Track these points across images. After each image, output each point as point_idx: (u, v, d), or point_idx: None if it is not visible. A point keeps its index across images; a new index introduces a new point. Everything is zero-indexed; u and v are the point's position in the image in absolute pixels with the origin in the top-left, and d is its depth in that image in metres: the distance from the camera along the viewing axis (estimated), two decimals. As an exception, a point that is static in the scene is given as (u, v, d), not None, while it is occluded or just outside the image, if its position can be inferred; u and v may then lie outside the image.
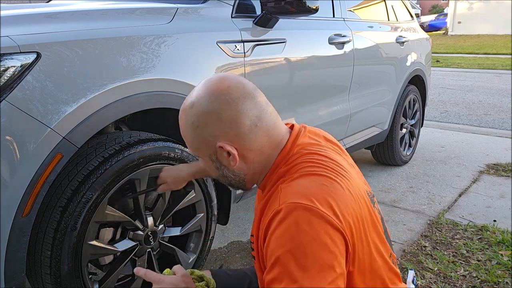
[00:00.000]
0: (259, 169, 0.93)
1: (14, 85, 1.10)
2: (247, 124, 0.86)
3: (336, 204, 0.80)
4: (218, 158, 0.91)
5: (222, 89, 0.87)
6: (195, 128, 0.88)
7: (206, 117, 0.86)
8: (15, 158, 1.11)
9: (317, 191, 0.80)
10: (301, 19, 2.13)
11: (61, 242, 1.23)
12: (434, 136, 4.41)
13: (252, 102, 0.88)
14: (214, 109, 0.86)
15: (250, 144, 0.88)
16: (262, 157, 0.91)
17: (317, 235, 0.75)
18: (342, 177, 0.86)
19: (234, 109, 0.85)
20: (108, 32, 1.35)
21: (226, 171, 0.93)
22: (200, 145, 0.91)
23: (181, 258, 1.62)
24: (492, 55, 13.47)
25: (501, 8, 19.68)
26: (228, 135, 0.87)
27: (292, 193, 0.81)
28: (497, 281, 1.84)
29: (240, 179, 0.95)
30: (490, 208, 2.62)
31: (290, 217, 0.77)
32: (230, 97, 0.86)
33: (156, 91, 1.42)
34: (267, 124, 0.90)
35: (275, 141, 0.92)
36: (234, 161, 0.89)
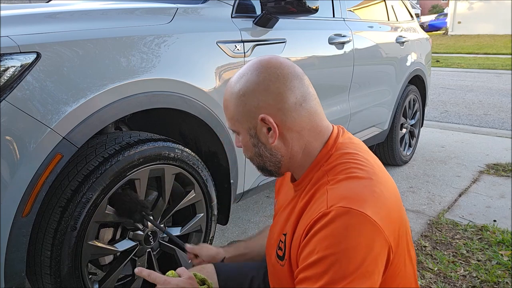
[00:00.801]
0: (298, 156, 0.91)
1: (14, 85, 1.10)
2: (292, 101, 0.86)
3: (385, 213, 0.79)
4: (257, 133, 0.89)
5: (273, 64, 0.88)
6: (241, 96, 0.88)
7: (254, 86, 0.86)
8: (15, 158, 1.11)
9: (368, 198, 0.79)
10: (301, 19, 2.13)
11: (61, 242, 1.23)
12: (434, 136, 4.41)
13: (300, 82, 0.88)
14: (263, 79, 0.86)
15: (291, 123, 0.87)
16: (301, 142, 0.90)
17: (364, 243, 0.75)
18: (383, 180, 0.85)
19: (282, 84, 0.86)
20: (108, 32, 1.35)
21: (263, 149, 0.91)
22: (242, 116, 0.89)
23: (181, 258, 1.62)
24: (492, 55, 13.47)
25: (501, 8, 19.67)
26: (272, 108, 0.86)
27: (342, 196, 0.79)
28: (497, 281, 1.84)
29: (276, 160, 0.92)
30: (490, 208, 2.62)
31: (339, 221, 0.76)
32: (280, 72, 0.87)
33: (156, 91, 1.42)
34: (311, 108, 0.89)
35: (316, 129, 0.90)
36: (274, 137, 0.88)
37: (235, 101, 0.89)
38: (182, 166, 1.54)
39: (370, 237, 0.76)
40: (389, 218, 0.80)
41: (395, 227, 0.81)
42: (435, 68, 9.95)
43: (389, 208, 0.81)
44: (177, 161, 1.51)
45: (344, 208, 0.76)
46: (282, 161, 0.92)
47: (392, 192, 0.85)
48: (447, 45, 17.14)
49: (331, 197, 0.80)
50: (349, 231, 0.75)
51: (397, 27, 3.24)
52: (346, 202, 0.77)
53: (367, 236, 0.75)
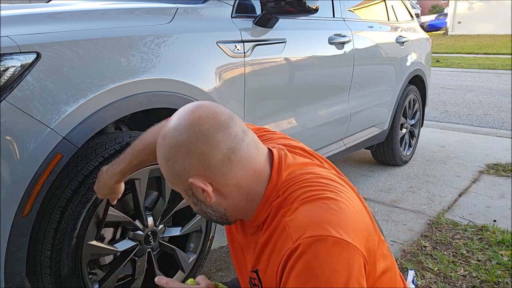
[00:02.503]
0: (242, 203, 0.87)
1: (14, 85, 1.10)
2: (218, 157, 0.80)
3: (351, 226, 0.77)
4: (194, 194, 0.85)
5: (192, 120, 0.81)
6: (167, 161, 0.84)
7: (176, 150, 0.81)
8: (15, 158, 1.11)
9: (329, 219, 0.76)
10: (301, 19, 2.13)
11: (61, 242, 1.23)
12: (434, 136, 4.41)
13: (225, 133, 0.81)
14: (183, 141, 0.80)
15: (224, 179, 0.82)
16: (242, 192, 0.85)
17: (342, 266, 0.72)
18: (341, 192, 0.83)
19: (204, 142, 0.80)
20: (108, 32, 1.35)
21: (204, 207, 0.87)
22: (174, 180, 0.86)
23: (181, 258, 1.62)
24: (492, 55, 13.47)
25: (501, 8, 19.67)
26: (199, 170, 0.81)
27: (303, 226, 0.76)
28: (497, 281, 1.84)
29: (221, 214, 0.88)
30: (490, 208, 2.62)
31: (309, 252, 0.72)
32: (199, 129, 0.80)
33: (156, 91, 1.42)
34: (243, 157, 0.83)
35: (254, 174, 0.85)
36: (209, 197, 0.83)
37: (164, 166, 0.85)
38: (182, 166, 1.53)
39: (345, 258, 0.73)
40: (355, 230, 0.77)
41: (363, 235, 0.79)
42: (435, 68, 9.95)
43: (352, 219, 0.78)
44: (177, 161, 1.51)
45: (310, 238, 0.73)
46: (227, 213, 0.88)
47: (351, 200, 0.83)
48: (447, 45, 17.15)
49: (293, 230, 0.76)
50: (323, 259, 0.72)
51: (397, 27, 3.24)
52: (310, 231, 0.74)
53: (342, 257, 0.73)
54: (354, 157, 3.69)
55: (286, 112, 2.08)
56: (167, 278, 0.95)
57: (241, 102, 1.78)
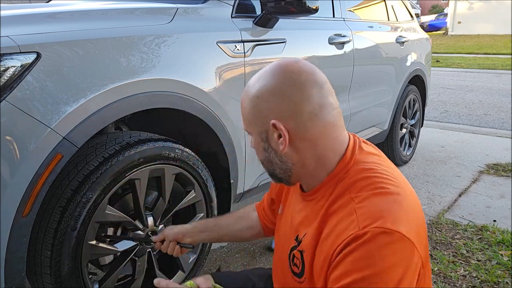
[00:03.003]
0: (311, 166, 0.87)
1: (14, 85, 1.10)
2: (307, 110, 0.82)
3: (416, 228, 0.78)
4: (268, 138, 0.86)
5: (292, 69, 0.84)
6: (256, 98, 0.85)
7: (270, 90, 0.83)
8: (15, 158, 1.11)
9: (399, 215, 0.76)
10: (301, 19, 2.13)
11: (61, 242, 1.23)
12: (434, 136, 4.41)
13: (320, 91, 0.84)
14: (279, 84, 0.83)
15: (304, 132, 0.83)
16: (315, 153, 0.85)
17: (400, 263, 0.73)
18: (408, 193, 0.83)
19: (299, 91, 0.82)
20: (108, 32, 1.35)
21: (273, 155, 0.87)
22: (255, 118, 0.86)
23: (181, 258, 1.62)
24: (492, 55, 13.47)
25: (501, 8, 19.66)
26: (285, 115, 0.82)
27: (373, 215, 0.76)
28: (497, 281, 1.84)
29: (286, 168, 0.88)
30: (490, 208, 2.62)
31: (374, 242, 0.73)
32: (298, 78, 0.83)
33: (156, 91, 1.42)
34: (328, 119, 0.84)
35: (332, 141, 0.86)
36: (284, 145, 0.84)
37: (250, 102, 0.86)
38: (182, 166, 1.54)
39: (405, 256, 0.74)
40: (419, 233, 0.78)
41: (424, 240, 0.80)
42: (435, 68, 9.95)
43: (418, 222, 0.80)
44: (177, 161, 1.51)
45: (378, 228, 0.74)
46: (293, 169, 0.88)
47: (417, 204, 0.83)
48: (447, 45, 17.14)
49: (362, 217, 0.77)
50: (385, 251, 0.73)
51: (397, 27, 3.24)
52: (379, 222, 0.74)
53: (403, 255, 0.74)
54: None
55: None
56: (167, 280, 0.95)
57: (241, 102, 1.77)
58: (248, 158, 1.85)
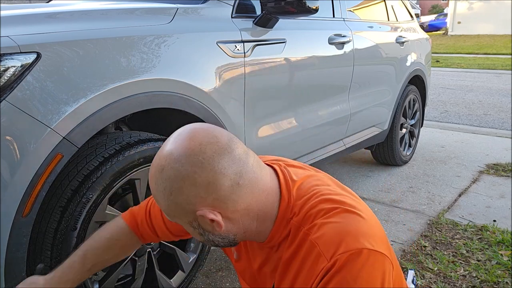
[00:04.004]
0: (253, 227, 0.82)
1: (14, 85, 1.10)
2: (226, 184, 0.75)
3: (378, 236, 0.76)
4: (201, 225, 0.79)
5: (193, 148, 0.74)
6: (169, 195, 0.76)
7: (179, 182, 0.74)
8: (15, 158, 1.11)
9: (358, 231, 0.75)
10: (301, 19, 2.13)
11: (61, 242, 1.23)
12: (434, 136, 4.41)
13: (230, 158, 0.76)
14: (187, 173, 0.74)
15: (233, 206, 0.77)
16: (252, 215, 0.81)
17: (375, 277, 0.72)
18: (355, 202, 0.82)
19: (210, 171, 0.74)
20: (108, 32, 1.35)
21: (211, 236, 0.82)
22: (177, 213, 0.79)
23: (181, 258, 1.62)
24: (492, 55, 13.47)
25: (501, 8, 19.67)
26: (207, 201, 0.75)
27: (334, 241, 0.74)
28: (497, 281, 1.84)
29: (229, 240, 0.83)
30: (490, 208, 2.63)
31: (345, 268, 0.72)
32: (203, 157, 0.74)
33: (156, 91, 1.42)
34: (250, 180, 0.78)
35: (262, 195, 0.81)
36: (220, 227, 0.78)
37: (164, 200, 0.77)
38: (182, 166, 1.53)
39: (379, 268, 0.74)
40: (381, 238, 0.78)
41: (386, 241, 0.80)
42: (435, 68, 9.96)
43: (376, 227, 0.79)
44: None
45: (345, 253, 0.72)
46: (237, 237, 0.83)
47: (365, 207, 0.82)
48: (447, 45, 17.15)
49: (324, 247, 0.75)
50: (358, 272, 0.72)
51: (397, 27, 3.24)
52: (344, 246, 0.73)
53: (376, 269, 0.73)
54: (354, 157, 3.69)
55: (286, 112, 2.08)
56: None
57: (241, 102, 1.78)
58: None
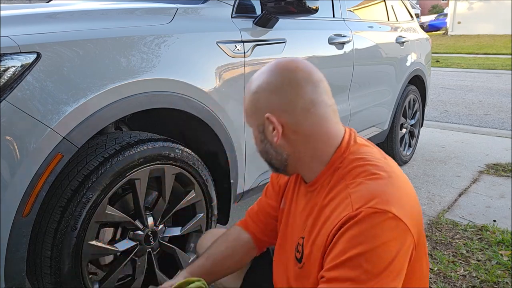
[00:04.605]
0: (306, 159, 0.93)
1: (14, 85, 1.10)
2: (300, 105, 0.89)
3: (409, 210, 0.81)
4: (264, 130, 0.93)
5: (289, 67, 0.91)
6: (254, 94, 0.92)
7: (266, 86, 0.90)
8: (15, 158, 1.11)
9: (391, 197, 0.80)
10: (301, 19, 2.13)
11: (61, 242, 1.23)
12: (434, 136, 4.41)
13: (313, 89, 0.90)
14: (276, 82, 0.90)
15: (297, 126, 0.90)
16: (308, 146, 0.91)
17: (393, 242, 0.76)
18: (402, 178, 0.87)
19: (293, 88, 0.89)
20: (108, 32, 1.35)
21: (268, 146, 0.94)
22: (252, 112, 0.94)
23: (181, 258, 1.62)
24: (492, 55, 13.47)
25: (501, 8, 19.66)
26: (279, 110, 0.89)
27: (366, 197, 0.80)
28: (497, 281, 1.84)
29: (282, 159, 0.94)
30: (490, 208, 2.62)
31: (367, 221, 0.77)
32: (293, 76, 0.89)
33: (156, 91, 1.42)
34: (321, 115, 0.90)
35: (325, 135, 0.91)
36: (277, 137, 0.90)
37: (249, 97, 0.94)
38: (182, 166, 1.54)
39: (398, 236, 0.77)
40: (412, 215, 0.81)
41: (417, 224, 0.83)
42: (435, 68, 9.95)
43: (411, 205, 0.83)
44: (177, 161, 1.51)
45: (370, 208, 0.78)
46: (288, 160, 0.94)
47: (410, 189, 0.87)
48: (447, 45, 17.14)
49: (355, 200, 0.81)
50: (378, 230, 0.76)
51: (397, 27, 3.24)
52: (372, 203, 0.78)
53: (395, 235, 0.77)
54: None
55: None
56: None
57: (241, 102, 1.78)
58: (248, 158, 1.85)
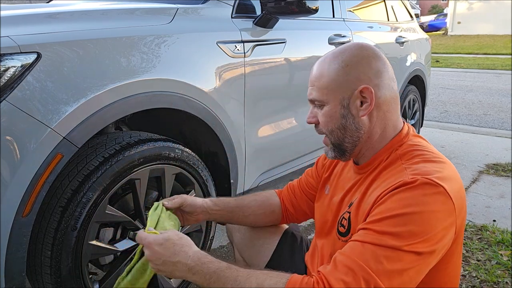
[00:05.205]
0: (376, 137, 0.96)
1: (14, 85, 1.10)
2: (386, 79, 0.94)
3: (459, 196, 0.83)
4: (350, 104, 0.93)
5: (366, 45, 0.97)
6: (345, 67, 0.93)
7: (358, 59, 0.93)
8: (16, 158, 1.11)
9: (445, 177, 0.83)
10: (301, 19, 2.13)
11: (61, 242, 1.23)
12: (434, 136, 4.41)
13: (389, 67, 0.97)
14: (367, 55, 0.94)
15: (383, 100, 0.93)
16: (383, 123, 0.95)
17: (438, 213, 0.79)
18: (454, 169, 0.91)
19: (382, 62, 0.94)
20: (108, 32, 1.35)
21: (351, 121, 0.95)
22: (339, 85, 0.93)
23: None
24: (492, 55, 13.47)
25: (501, 8, 19.66)
26: (372, 82, 0.92)
27: (421, 171, 0.83)
28: (497, 281, 1.84)
29: (357, 135, 0.95)
30: (489, 208, 2.63)
31: (419, 188, 0.80)
32: (379, 53, 0.96)
33: (156, 91, 1.42)
34: (396, 94, 0.97)
35: (395, 117, 0.97)
36: (367, 110, 0.93)
37: (336, 71, 0.94)
38: (182, 166, 1.54)
39: (445, 210, 0.80)
40: (459, 204, 0.83)
41: (461, 214, 0.85)
42: (435, 68, 9.95)
43: (460, 195, 0.85)
44: (177, 161, 1.51)
45: (426, 179, 0.81)
46: (362, 138, 0.96)
47: (461, 183, 0.89)
48: (446, 45, 17.14)
49: (410, 172, 0.84)
50: (429, 198, 0.79)
51: (397, 28, 3.25)
52: (427, 175, 0.81)
53: (443, 208, 0.79)
54: (354, 157, 3.69)
55: (286, 112, 2.08)
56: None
57: (241, 102, 1.78)
58: (248, 158, 1.85)
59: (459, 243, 0.90)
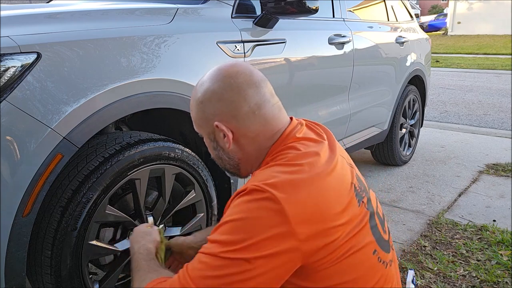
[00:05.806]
0: (253, 158, 0.97)
1: (14, 85, 1.10)
2: (245, 109, 0.91)
3: (310, 204, 0.80)
4: (216, 138, 0.97)
5: (230, 72, 0.93)
6: (200, 103, 0.95)
7: (210, 95, 0.93)
8: (16, 158, 1.11)
9: (286, 184, 0.80)
10: (301, 19, 2.13)
11: (62, 242, 1.23)
12: (433, 136, 4.41)
13: (256, 90, 0.93)
14: (218, 89, 0.92)
15: (245, 130, 0.93)
16: (255, 146, 0.95)
17: (261, 221, 0.78)
18: (321, 173, 0.85)
19: (236, 93, 0.91)
20: (108, 32, 1.35)
21: (221, 153, 0.98)
22: (201, 121, 0.97)
23: (181, 258, 1.62)
24: (492, 55, 13.47)
25: (501, 8, 19.69)
26: (226, 116, 0.92)
27: (259, 178, 0.84)
28: (497, 281, 1.84)
29: (234, 163, 0.99)
30: (489, 208, 2.63)
31: (247, 195, 0.82)
32: (235, 81, 0.91)
33: (156, 91, 1.42)
34: (266, 115, 0.94)
35: (270, 132, 0.95)
36: (228, 143, 0.94)
37: (196, 107, 0.97)
38: (183, 166, 1.54)
39: (271, 216, 0.78)
40: (307, 211, 0.79)
41: (315, 224, 0.80)
42: (435, 68, 9.96)
43: (309, 202, 0.80)
44: (177, 161, 1.51)
45: (254, 186, 0.81)
46: (240, 163, 0.99)
47: (319, 189, 0.83)
48: (446, 45, 17.15)
49: (252, 180, 0.86)
50: (251, 204, 0.80)
51: (397, 28, 3.25)
52: (258, 182, 0.82)
53: (268, 215, 0.78)
54: (354, 157, 3.70)
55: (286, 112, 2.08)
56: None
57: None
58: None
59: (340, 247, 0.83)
